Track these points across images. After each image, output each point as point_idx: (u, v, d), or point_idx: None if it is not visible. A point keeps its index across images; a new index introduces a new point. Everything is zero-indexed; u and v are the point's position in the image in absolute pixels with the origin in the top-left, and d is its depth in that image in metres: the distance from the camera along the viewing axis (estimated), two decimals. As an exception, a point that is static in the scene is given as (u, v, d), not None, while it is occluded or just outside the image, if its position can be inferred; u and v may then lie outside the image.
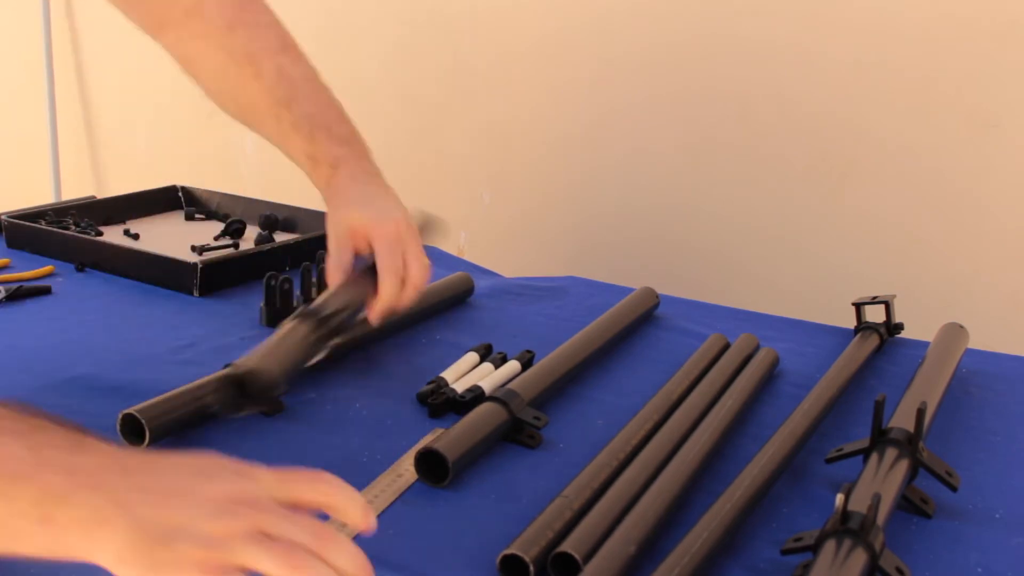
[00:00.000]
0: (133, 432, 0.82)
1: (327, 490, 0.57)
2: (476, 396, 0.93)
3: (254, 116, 1.02)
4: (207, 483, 0.56)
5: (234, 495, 0.55)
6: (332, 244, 0.98)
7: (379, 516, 0.73)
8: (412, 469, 0.81)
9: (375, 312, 0.95)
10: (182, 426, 0.85)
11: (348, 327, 0.96)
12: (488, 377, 0.97)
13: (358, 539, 0.66)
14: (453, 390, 0.94)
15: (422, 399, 0.94)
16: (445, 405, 0.93)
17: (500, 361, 1.02)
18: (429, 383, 0.96)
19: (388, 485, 0.79)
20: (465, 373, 0.99)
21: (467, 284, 1.24)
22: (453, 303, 1.21)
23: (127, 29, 1.05)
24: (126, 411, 0.82)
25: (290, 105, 0.99)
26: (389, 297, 0.94)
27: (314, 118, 0.99)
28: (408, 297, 0.96)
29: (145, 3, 1.03)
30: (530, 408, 0.89)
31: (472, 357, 1.03)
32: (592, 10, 1.87)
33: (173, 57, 1.04)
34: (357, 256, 0.97)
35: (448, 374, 0.98)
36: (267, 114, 1.00)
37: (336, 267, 0.96)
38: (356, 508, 0.57)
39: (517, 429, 0.88)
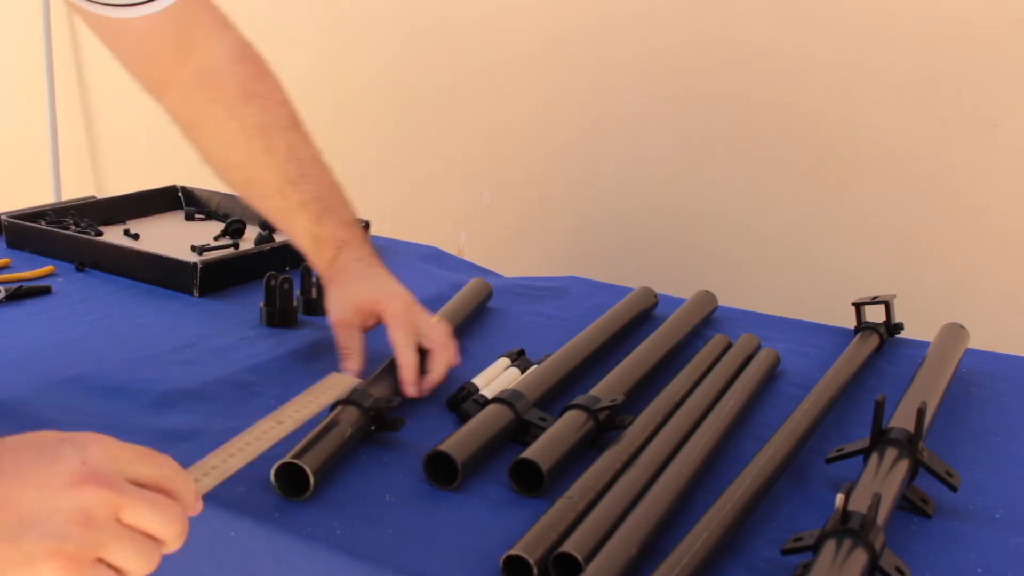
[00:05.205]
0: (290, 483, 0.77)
1: (167, 474, 0.58)
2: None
3: (260, 190, 1.01)
4: (51, 465, 0.53)
5: (82, 477, 0.53)
6: (337, 323, 0.97)
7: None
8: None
9: (411, 386, 0.93)
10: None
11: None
12: (516, 381, 0.96)
13: (360, 539, 0.66)
14: (484, 396, 0.93)
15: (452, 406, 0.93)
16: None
17: (516, 357, 1.02)
18: (460, 389, 0.95)
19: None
20: (495, 378, 0.98)
21: (486, 290, 1.22)
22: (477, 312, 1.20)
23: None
24: (285, 460, 0.76)
25: (298, 184, 0.99)
26: (411, 368, 0.93)
27: (322, 200, 1.00)
28: (443, 362, 0.95)
29: (149, 58, 1.00)
30: (536, 409, 0.89)
31: (503, 362, 1.02)
32: (592, 12, 1.87)
33: (174, 118, 1.03)
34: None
35: (479, 380, 0.97)
36: (274, 191, 1.00)
37: (355, 351, 0.95)
38: (189, 494, 0.59)
39: (522, 430, 0.87)
